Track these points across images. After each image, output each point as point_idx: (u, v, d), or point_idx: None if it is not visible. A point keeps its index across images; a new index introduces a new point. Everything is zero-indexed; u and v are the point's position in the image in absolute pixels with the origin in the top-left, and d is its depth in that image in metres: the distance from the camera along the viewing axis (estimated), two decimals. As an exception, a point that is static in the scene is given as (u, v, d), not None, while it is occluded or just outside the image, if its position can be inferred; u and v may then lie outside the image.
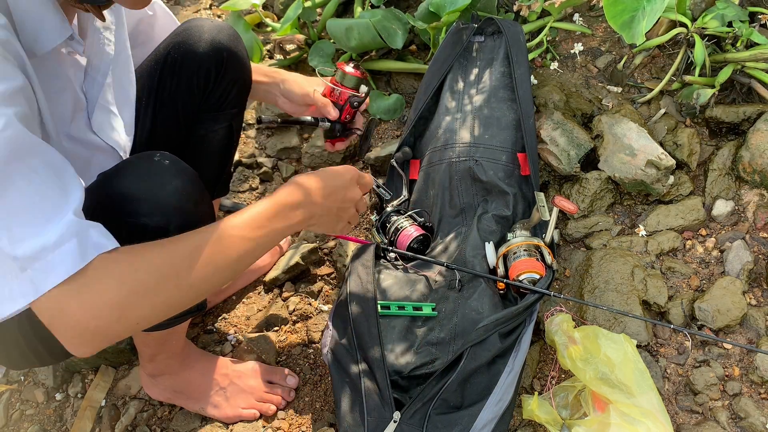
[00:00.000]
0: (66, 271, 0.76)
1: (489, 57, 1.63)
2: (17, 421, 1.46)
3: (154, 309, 0.82)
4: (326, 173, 1.04)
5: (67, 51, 0.95)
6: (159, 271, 0.81)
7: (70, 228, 0.77)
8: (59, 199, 0.78)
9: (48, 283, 0.75)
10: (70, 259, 0.76)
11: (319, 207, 1.01)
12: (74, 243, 0.76)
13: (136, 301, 0.80)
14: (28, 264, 0.75)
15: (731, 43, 1.63)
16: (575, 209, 1.30)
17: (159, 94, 1.21)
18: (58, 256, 0.76)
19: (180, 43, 1.19)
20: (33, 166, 0.77)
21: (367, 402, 1.16)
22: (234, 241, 0.88)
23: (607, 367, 1.18)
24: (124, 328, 0.81)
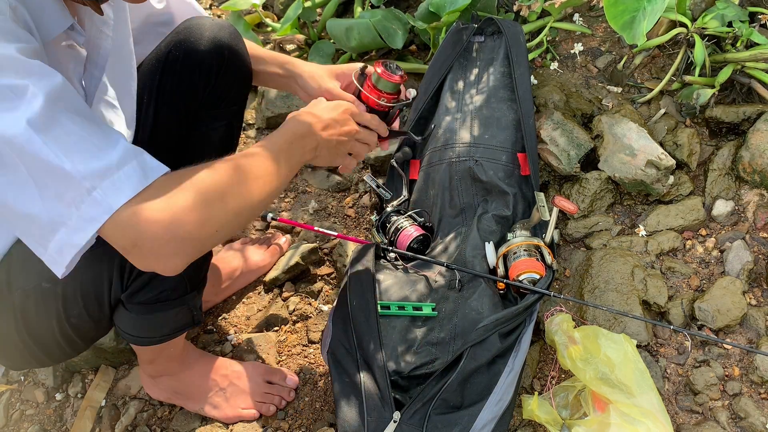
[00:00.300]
0: (134, 187, 0.78)
1: (489, 57, 1.63)
2: (17, 421, 1.46)
3: (227, 214, 0.86)
4: (319, 107, 1.10)
5: (68, 44, 0.95)
6: (219, 181, 0.86)
7: (128, 152, 0.80)
8: (105, 133, 0.81)
9: (120, 199, 0.77)
10: (136, 176, 0.79)
11: (321, 138, 1.06)
12: (135, 164, 0.80)
13: (210, 205, 0.83)
14: (97, 183, 0.77)
15: (731, 43, 1.63)
16: (575, 209, 1.30)
17: (160, 92, 1.21)
18: (123, 173, 0.78)
19: (181, 41, 1.20)
20: (74, 108, 0.79)
21: (367, 402, 1.16)
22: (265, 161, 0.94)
23: (607, 367, 1.18)
24: (208, 233, 0.84)
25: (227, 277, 1.54)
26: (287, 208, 1.74)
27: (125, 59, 1.12)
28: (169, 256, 0.81)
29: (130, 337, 1.13)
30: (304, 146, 1.03)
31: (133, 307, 1.07)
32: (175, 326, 1.15)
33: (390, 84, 1.17)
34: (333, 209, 1.71)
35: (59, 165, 0.76)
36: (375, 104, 1.19)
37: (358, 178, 1.75)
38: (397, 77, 1.17)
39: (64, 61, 0.96)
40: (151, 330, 1.13)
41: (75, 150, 0.77)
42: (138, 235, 0.79)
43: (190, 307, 1.14)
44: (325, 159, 1.10)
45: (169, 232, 0.79)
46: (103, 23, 1.01)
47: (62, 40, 0.94)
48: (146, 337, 1.14)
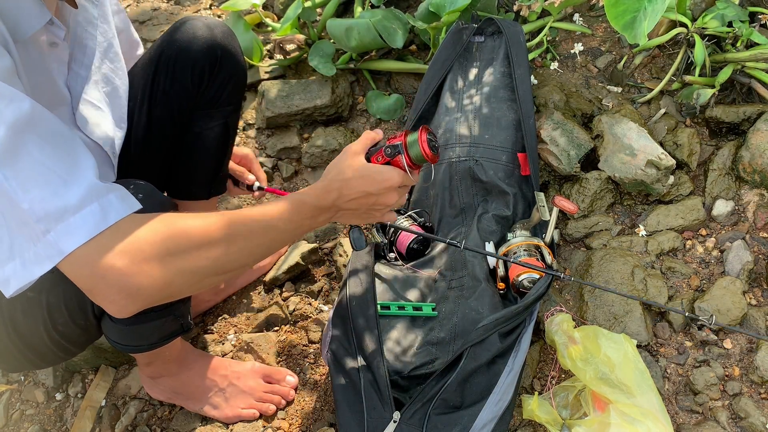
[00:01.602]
0: (88, 232, 0.76)
1: (489, 57, 1.63)
2: (17, 421, 1.46)
3: (192, 276, 0.82)
4: (365, 178, 0.99)
5: (49, 42, 0.94)
6: (189, 238, 0.81)
7: (91, 191, 0.78)
8: (74, 164, 0.79)
9: (72, 244, 0.75)
10: (93, 219, 0.76)
11: (347, 209, 1.01)
12: (95, 206, 0.77)
13: (175, 264, 0.80)
14: (51, 226, 0.75)
15: (731, 43, 1.63)
16: (575, 209, 1.30)
17: (153, 92, 1.21)
18: (80, 216, 0.76)
19: (174, 41, 1.19)
20: (43, 134, 0.77)
21: (366, 402, 1.16)
22: (264, 227, 0.90)
23: (607, 367, 1.18)
24: (166, 290, 0.80)
25: (227, 277, 1.54)
26: (287, 208, 1.74)
27: (113, 59, 1.10)
28: (120, 305, 0.79)
29: (119, 345, 1.12)
30: (318, 217, 0.98)
31: (118, 318, 1.06)
32: (162, 335, 1.14)
33: (422, 158, 1.04)
34: (333, 209, 1.71)
35: (18, 202, 0.74)
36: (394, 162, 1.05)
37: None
38: (432, 156, 1.04)
39: (46, 62, 0.94)
40: (138, 339, 1.12)
41: (35, 186, 0.75)
42: (88, 281, 0.78)
43: (176, 316, 1.12)
44: (349, 221, 1.07)
45: (119, 283, 0.76)
46: (87, 23, 1.00)
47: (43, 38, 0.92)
48: (135, 345, 1.13)
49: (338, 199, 0.98)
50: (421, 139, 1.03)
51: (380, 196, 1.00)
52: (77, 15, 0.98)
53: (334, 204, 0.98)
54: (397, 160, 1.03)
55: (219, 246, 0.84)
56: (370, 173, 0.99)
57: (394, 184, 1.00)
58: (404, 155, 1.02)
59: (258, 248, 0.91)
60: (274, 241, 0.93)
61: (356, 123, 1.86)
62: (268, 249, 0.93)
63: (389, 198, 1.02)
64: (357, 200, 0.99)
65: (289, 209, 0.94)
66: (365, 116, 1.86)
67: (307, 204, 0.96)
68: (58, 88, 0.97)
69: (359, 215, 1.03)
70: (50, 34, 0.93)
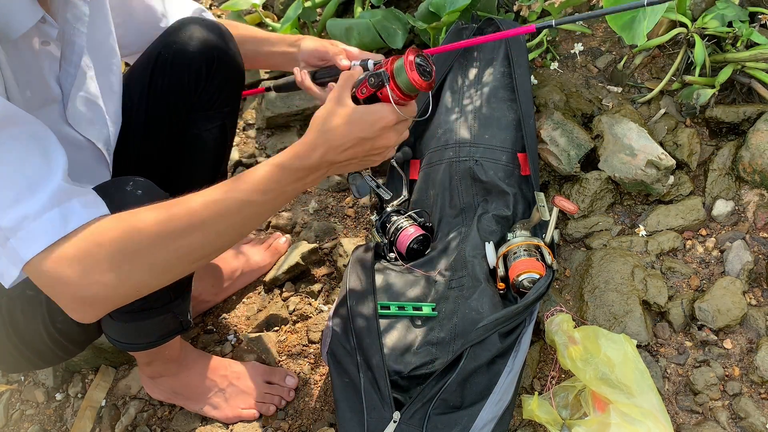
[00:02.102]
0: (47, 240, 0.75)
1: (489, 57, 1.63)
2: (17, 421, 1.46)
3: (152, 273, 0.80)
4: (352, 124, 0.88)
5: (41, 41, 0.93)
6: (150, 236, 0.78)
7: (54, 197, 0.77)
8: (42, 167, 0.78)
9: (30, 252, 0.75)
10: (51, 227, 0.75)
11: (340, 162, 0.90)
12: (56, 212, 0.76)
13: (130, 266, 0.78)
14: (12, 233, 0.75)
15: (731, 43, 1.63)
16: (575, 209, 1.30)
17: (151, 93, 1.21)
18: (39, 225, 0.75)
19: (171, 42, 1.19)
20: (14, 135, 0.77)
21: (366, 402, 1.16)
22: (238, 205, 0.83)
23: (607, 367, 1.18)
24: (124, 293, 0.79)
25: (227, 277, 1.54)
26: (287, 208, 1.74)
27: (105, 56, 1.10)
28: (80, 312, 0.79)
29: (118, 343, 1.12)
30: (305, 180, 0.89)
31: (117, 315, 1.06)
32: (162, 333, 1.14)
33: (413, 87, 0.91)
34: (333, 209, 1.71)
35: None
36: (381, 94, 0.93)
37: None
38: (424, 83, 0.91)
39: (38, 60, 0.94)
40: (138, 337, 1.12)
41: (1, 190, 0.75)
42: (47, 290, 0.78)
43: (176, 314, 1.13)
44: (345, 171, 0.97)
45: (77, 292, 0.76)
46: (76, 20, 0.99)
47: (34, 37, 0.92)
48: (134, 343, 1.13)
49: (327, 153, 0.88)
50: (408, 63, 0.89)
51: (376, 140, 0.90)
52: (66, 12, 0.98)
53: (323, 160, 0.88)
54: (384, 92, 0.90)
55: (184, 238, 0.80)
56: (360, 116, 0.88)
57: (390, 123, 0.90)
58: (390, 85, 0.89)
59: (233, 229, 0.85)
60: (252, 217, 0.86)
61: (356, 123, 1.85)
62: (245, 227, 0.87)
63: (387, 139, 0.91)
64: (350, 150, 0.89)
65: (266, 178, 0.85)
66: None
67: (288, 169, 0.86)
68: (49, 86, 0.97)
69: (357, 164, 0.93)
70: (42, 32, 0.93)
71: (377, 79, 0.90)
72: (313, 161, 0.88)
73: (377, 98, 0.92)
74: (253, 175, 0.86)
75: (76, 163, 1.00)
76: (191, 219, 0.81)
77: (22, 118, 0.79)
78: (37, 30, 0.92)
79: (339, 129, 0.88)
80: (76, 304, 0.78)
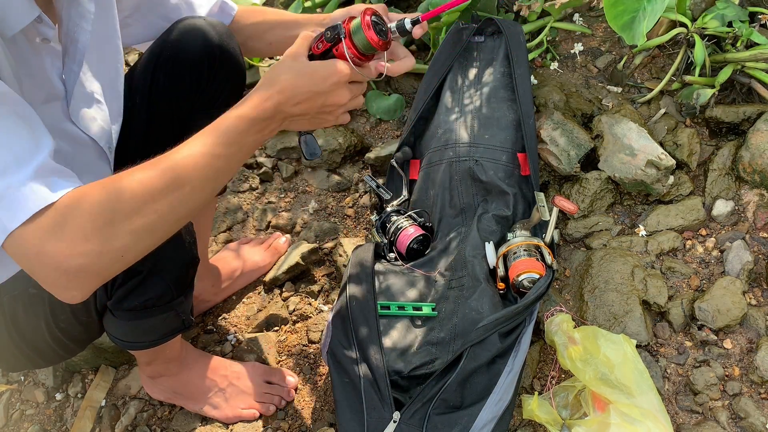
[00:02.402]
0: (31, 209, 0.74)
1: (489, 57, 1.63)
2: (17, 421, 1.46)
3: (135, 236, 0.79)
4: (304, 77, 0.89)
5: (41, 39, 0.93)
6: (132, 197, 0.78)
7: (38, 170, 0.77)
8: (28, 144, 0.78)
9: (15, 221, 0.74)
10: (33, 196, 0.75)
11: (293, 115, 0.91)
12: (39, 182, 0.76)
13: (113, 230, 0.77)
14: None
15: (731, 43, 1.63)
16: (575, 209, 1.30)
17: (152, 92, 1.21)
18: (22, 194, 0.75)
19: (172, 41, 1.19)
20: (1, 113, 0.77)
21: (366, 402, 1.16)
22: (207, 159, 0.84)
23: (607, 367, 1.18)
24: (109, 261, 0.78)
25: (227, 277, 1.54)
26: (287, 208, 1.74)
27: (110, 54, 1.10)
28: (63, 288, 0.78)
29: (120, 341, 1.13)
30: (264, 130, 0.89)
31: (120, 313, 1.06)
32: (164, 331, 1.14)
33: (370, 46, 0.91)
34: (333, 209, 1.71)
35: None
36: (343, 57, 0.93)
37: (358, 178, 1.75)
38: (380, 41, 0.91)
39: (40, 57, 0.94)
40: (140, 335, 1.12)
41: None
42: (29, 265, 0.77)
43: (178, 312, 1.13)
44: (301, 127, 0.96)
45: (63, 265, 0.75)
46: (81, 18, 0.99)
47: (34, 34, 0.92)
48: (136, 342, 1.13)
49: (280, 104, 0.88)
50: (366, 22, 0.89)
51: (329, 95, 0.90)
52: (70, 9, 0.98)
53: (277, 110, 0.88)
54: (340, 49, 0.91)
55: (164, 197, 0.80)
56: (312, 69, 0.89)
57: (342, 79, 0.90)
58: (346, 41, 0.90)
59: (207, 184, 0.86)
60: (222, 171, 0.87)
61: (356, 123, 1.86)
62: (217, 182, 0.88)
63: (339, 96, 0.91)
64: (303, 104, 0.89)
65: (227, 131, 0.87)
66: (365, 116, 1.86)
67: (244, 118, 0.87)
68: (52, 82, 0.97)
69: (309, 120, 0.93)
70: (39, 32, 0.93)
71: (333, 32, 0.90)
72: (268, 112, 0.88)
73: (333, 56, 0.92)
74: (216, 128, 0.87)
75: (78, 160, 1.01)
76: (166, 178, 0.81)
77: (10, 97, 0.79)
78: (35, 28, 0.92)
79: (292, 80, 0.88)
80: (61, 278, 0.76)
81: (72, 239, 0.75)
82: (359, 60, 0.92)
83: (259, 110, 0.88)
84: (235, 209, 1.74)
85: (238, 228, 1.72)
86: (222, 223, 1.72)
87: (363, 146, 1.79)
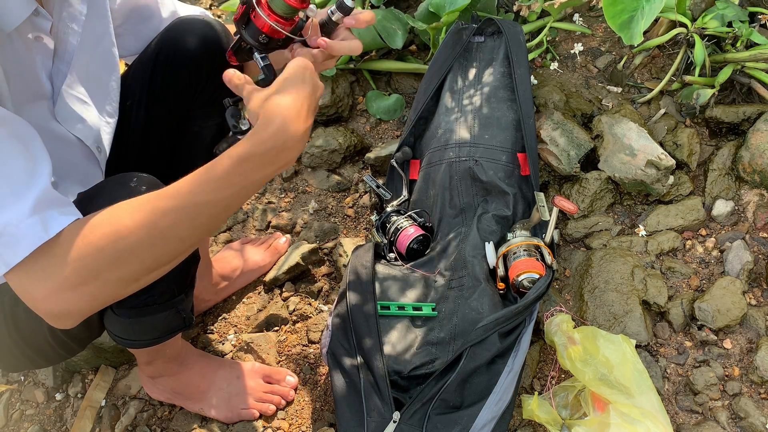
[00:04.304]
0: (29, 247, 0.76)
1: (489, 57, 1.63)
2: (17, 421, 1.46)
3: (119, 285, 0.81)
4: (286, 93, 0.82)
5: (34, 36, 0.93)
6: (116, 252, 0.78)
7: (37, 204, 0.78)
8: (26, 173, 0.78)
9: (15, 257, 0.76)
10: (32, 233, 0.76)
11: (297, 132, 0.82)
12: (36, 219, 0.77)
13: (98, 281, 0.79)
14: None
15: (731, 43, 1.63)
16: (575, 209, 1.30)
17: (151, 91, 1.21)
18: (21, 230, 0.76)
19: (171, 40, 1.19)
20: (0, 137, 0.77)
21: (366, 402, 1.17)
22: (200, 208, 0.81)
23: (606, 367, 1.18)
24: (95, 305, 0.81)
25: (227, 276, 1.54)
26: (287, 208, 1.74)
27: (101, 55, 1.09)
28: (53, 322, 0.81)
29: (121, 339, 1.12)
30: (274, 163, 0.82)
31: (121, 311, 1.06)
32: (165, 329, 1.14)
33: (284, 5, 0.89)
34: (333, 209, 1.71)
35: None
36: (269, 29, 0.91)
37: (358, 179, 1.75)
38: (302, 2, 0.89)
39: (31, 54, 0.94)
40: (141, 333, 1.12)
41: None
42: (24, 300, 0.79)
43: (179, 310, 1.12)
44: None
45: (47, 308, 0.78)
46: (72, 19, 0.99)
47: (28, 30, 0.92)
48: (137, 340, 1.13)
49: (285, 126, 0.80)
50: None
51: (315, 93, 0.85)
52: (61, 10, 0.98)
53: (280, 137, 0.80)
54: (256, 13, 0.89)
55: (149, 249, 0.79)
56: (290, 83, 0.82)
57: (310, 67, 0.85)
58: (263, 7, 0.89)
59: (197, 233, 0.83)
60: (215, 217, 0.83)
61: (356, 123, 1.86)
62: (209, 228, 0.84)
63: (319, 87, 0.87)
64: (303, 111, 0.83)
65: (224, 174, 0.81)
66: (365, 116, 1.86)
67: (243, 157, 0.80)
68: (40, 81, 0.97)
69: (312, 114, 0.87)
70: (35, 26, 0.93)
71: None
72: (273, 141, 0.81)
73: (250, 21, 0.90)
74: (213, 171, 0.82)
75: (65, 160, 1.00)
76: (153, 229, 0.79)
77: (6, 118, 0.79)
78: (30, 23, 0.91)
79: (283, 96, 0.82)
80: (49, 317, 0.80)
81: (57, 288, 0.77)
82: (279, 24, 0.90)
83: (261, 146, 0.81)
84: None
85: (238, 228, 1.72)
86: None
87: (363, 146, 1.79)
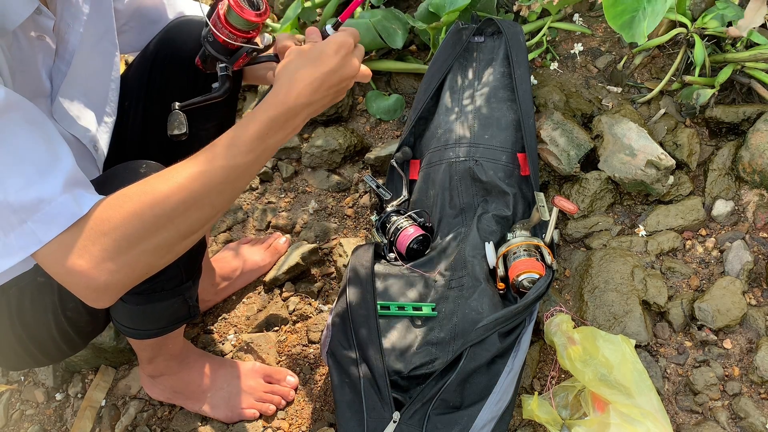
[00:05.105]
0: (64, 223, 0.77)
1: (489, 57, 1.63)
2: (17, 421, 1.46)
3: (157, 253, 0.82)
4: (310, 63, 0.89)
5: (37, 34, 0.93)
6: (153, 218, 0.80)
7: (66, 182, 0.78)
8: (49, 152, 0.79)
9: (49, 234, 0.77)
10: (66, 210, 0.77)
11: (315, 104, 0.91)
12: (68, 197, 0.78)
13: (135, 250, 0.80)
14: (28, 215, 0.76)
15: (731, 44, 1.63)
16: (575, 209, 1.30)
17: (149, 92, 1.21)
18: (56, 207, 0.77)
19: (169, 41, 1.19)
20: (18, 121, 0.78)
21: (366, 402, 1.17)
22: (225, 171, 0.84)
23: (606, 368, 1.18)
24: (134, 277, 0.82)
25: (227, 276, 1.54)
26: (287, 208, 1.74)
27: (102, 55, 1.10)
28: (92, 300, 0.81)
29: (127, 329, 1.12)
30: (287, 128, 0.89)
31: (128, 297, 1.06)
32: (171, 318, 1.14)
33: (241, 20, 0.95)
34: (333, 209, 1.71)
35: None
36: (222, 40, 0.98)
37: (358, 179, 1.75)
38: (252, 14, 0.94)
39: (34, 52, 0.94)
40: (147, 322, 1.12)
41: (12, 175, 0.76)
42: (59, 279, 0.80)
43: (186, 297, 1.13)
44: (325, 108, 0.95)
45: (89, 281, 0.78)
46: (73, 18, 1.00)
47: (31, 28, 0.92)
48: (143, 329, 1.13)
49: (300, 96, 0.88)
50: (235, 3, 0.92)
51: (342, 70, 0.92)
52: (63, 10, 0.98)
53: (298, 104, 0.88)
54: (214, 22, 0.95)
55: (181, 216, 0.82)
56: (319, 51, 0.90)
57: (346, 46, 0.92)
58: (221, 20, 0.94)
59: (226, 197, 0.87)
60: (240, 180, 0.87)
61: (356, 123, 1.86)
62: (235, 192, 0.89)
63: (350, 67, 0.93)
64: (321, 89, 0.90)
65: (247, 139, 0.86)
66: (365, 116, 1.86)
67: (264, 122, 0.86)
68: (41, 79, 0.97)
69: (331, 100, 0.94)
70: (38, 24, 0.93)
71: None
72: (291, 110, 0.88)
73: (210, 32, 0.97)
74: (233, 137, 0.86)
75: None
76: (184, 195, 0.82)
77: (24, 105, 0.80)
78: (33, 22, 0.92)
79: (306, 66, 0.89)
80: (90, 292, 0.80)
81: (97, 259, 0.78)
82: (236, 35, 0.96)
83: (280, 109, 0.87)
84: (235, 209, 1.75)
85: (238, 228, 1.72)
86: (222, 223, 1.72)
87: (363, 146, 1.79)
